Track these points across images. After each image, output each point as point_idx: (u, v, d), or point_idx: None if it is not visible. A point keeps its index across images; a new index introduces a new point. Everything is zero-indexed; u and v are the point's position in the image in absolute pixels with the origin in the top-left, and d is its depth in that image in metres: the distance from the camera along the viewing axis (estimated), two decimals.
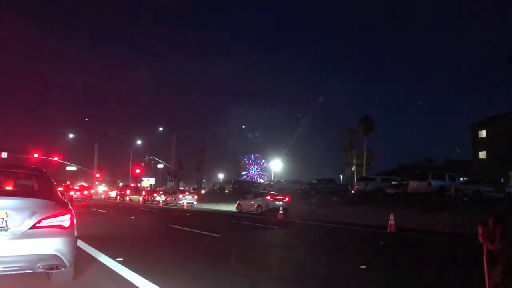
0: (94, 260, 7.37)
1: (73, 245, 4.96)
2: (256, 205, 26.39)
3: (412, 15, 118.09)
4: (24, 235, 4.48)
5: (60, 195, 5.48)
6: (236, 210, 29.12)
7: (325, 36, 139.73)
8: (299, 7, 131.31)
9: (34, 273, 4.82)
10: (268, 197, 26.32)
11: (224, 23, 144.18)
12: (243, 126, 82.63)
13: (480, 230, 2.51)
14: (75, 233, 5.08)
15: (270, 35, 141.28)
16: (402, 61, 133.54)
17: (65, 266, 4.76)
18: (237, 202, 30.01)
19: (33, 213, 4.57)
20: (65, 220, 4.79)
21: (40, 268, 4.63)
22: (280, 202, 25.11)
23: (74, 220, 5.00)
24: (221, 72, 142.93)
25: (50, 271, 4.89)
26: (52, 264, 4.68)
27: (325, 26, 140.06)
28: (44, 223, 4.61)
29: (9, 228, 4.45)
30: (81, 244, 9.06)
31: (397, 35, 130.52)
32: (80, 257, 7.63)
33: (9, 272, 4.64)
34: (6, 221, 4.45)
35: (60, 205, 4.96)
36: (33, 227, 4.55)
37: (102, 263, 7.09)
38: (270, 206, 25.11)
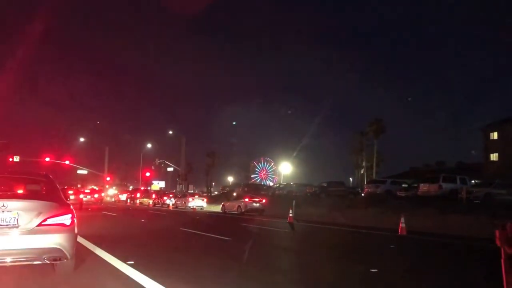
0: (105, 263, 7.40)
1: (73, 240, 5.71)
2: (236, 206, 29.32)
3: (426, 15, 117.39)
4: (32, 231, 5.25)
5: (63, 197, 6.21)
6: (221, 211, 31.60)
7: (336, 37, 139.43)
8: (309, 8, 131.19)
9: (41, 265, 5.61)
10: (247, 199, 29.07)
11: (232, 25, 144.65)
12: (234, 123, 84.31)
13: (497, 234, 2.46)
14: (76, 230, 5.82)
15: (281, 37, 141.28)
16: (414, 63, 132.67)
17: (66, 258, 5.49)
18: (222, 203, 32.75)
19: (39, 213, 5.34)
20: (66, 219, 5.55)
21: (46, 259, 5.36)
22: (258, 204, 28.53)
23: (75, 220, 5.74)
24: (230, 74, 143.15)
25: (54, 262, 5.61)
26: (56, 256, 5.40)
27: (335, 27, 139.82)
28: (49, 221, 5.38)
29: (19, 226, 5.23)
30: (92, 247, 9.15)
31: (410, 36, 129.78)
32: (91, 260, 7.71)
33: (19, 263, 5.38)
34: (17, 219, 5.23)
35: (63, 206, 5.71)
36: (40, 224, 5.31)
37: (113, 266, 7.10)
38: (249, 207, 28.15)
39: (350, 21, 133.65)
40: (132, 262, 7.18)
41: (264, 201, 29.25)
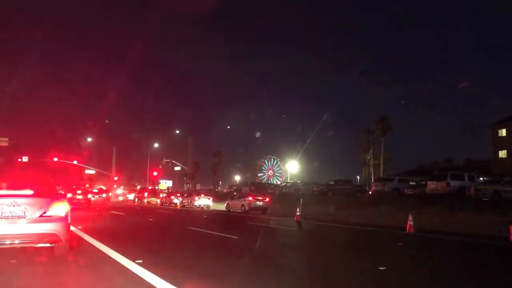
0: (114, 262, 7.47)
1: (67, 227, 7.42)
2: (240, 204, 29.70)
3: (432, 13, 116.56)
4: (35, 221, 6.88)
5: (60, 196, 7.88)
6: (226, 209, 32.09)
7: (342, 36, 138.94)
8: (315, 7, 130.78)
9: (44, 249, 7.47)
10: (250, 198, 29.58)
11: (239, 24, 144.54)
12: (228, 127, 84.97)
13: None
14: (69, 220, 7.52)
15: (285, 36, 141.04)
16: (420, 60, 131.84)
17: (61, 241, 7.22)
18: (227, 202, 33.28)
19: (41, 207, 6.98)
20: (61, 211, 7.18)
21: (46, 241, 7.09)
22: (261, 203, 28.91)
23: (68, 213, 7.42)
24: (237, 74, 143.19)
25: (52, 244, 7.23)
26: (53, 239, 7.09)
27: (341, 26, 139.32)
28: (48, 213, 7.00)
29: (26, 216, 6.84)
30: (100, 246, 9.25)
31: (415, 33, 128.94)
32: (100, 260, 7.80)
33: (25, 244, 7.08)
34: (24, 212, 6.84)
35: (59, 203, 7.28)
36: (41, 216, 6.94)
37: (122, 265, 7.15)
38: (252, 206, 28.63)
39: (356, 19, 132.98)
40: (141, 261, 7.23)
41: (267, 199, 29.61)
